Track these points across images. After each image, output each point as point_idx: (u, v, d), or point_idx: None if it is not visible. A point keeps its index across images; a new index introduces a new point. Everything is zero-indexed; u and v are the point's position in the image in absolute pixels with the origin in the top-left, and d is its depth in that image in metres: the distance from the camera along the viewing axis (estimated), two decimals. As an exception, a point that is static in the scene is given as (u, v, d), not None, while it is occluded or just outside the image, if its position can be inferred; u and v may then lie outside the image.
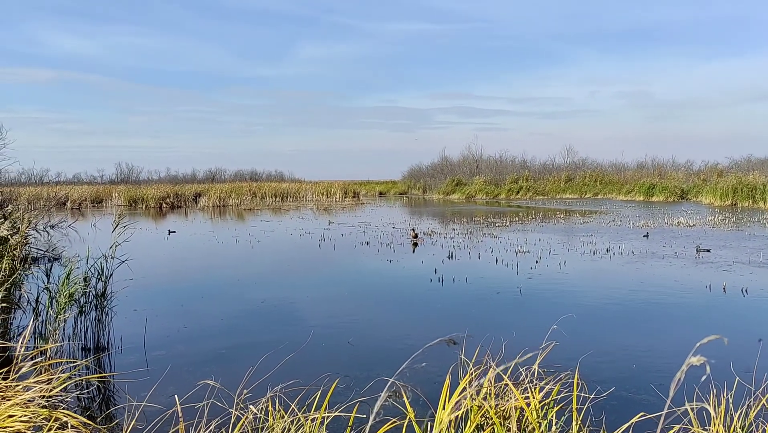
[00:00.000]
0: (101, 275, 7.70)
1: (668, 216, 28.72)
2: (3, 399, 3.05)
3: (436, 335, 8.14)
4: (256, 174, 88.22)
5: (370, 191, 76.25)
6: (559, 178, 59.63)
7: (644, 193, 48.33)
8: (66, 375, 3.75)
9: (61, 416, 2.97)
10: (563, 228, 23.84)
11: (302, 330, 8.36)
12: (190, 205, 48.88)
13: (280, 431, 3.08)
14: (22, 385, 3.30)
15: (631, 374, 6.16)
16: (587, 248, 16.99)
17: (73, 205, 46.88)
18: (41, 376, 3.48)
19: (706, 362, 1.96)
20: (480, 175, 61.53)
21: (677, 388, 1.93)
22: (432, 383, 5.57)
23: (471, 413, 3.19)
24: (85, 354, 7.26)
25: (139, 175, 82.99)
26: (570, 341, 6.93)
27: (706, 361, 1.96)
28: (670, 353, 7.06)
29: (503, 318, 8.98)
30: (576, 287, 11.40)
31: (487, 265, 13.96)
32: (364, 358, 7.03)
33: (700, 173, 52.89)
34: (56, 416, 2.94)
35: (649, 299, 10.17)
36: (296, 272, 13.97)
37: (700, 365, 1.97)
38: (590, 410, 3.45)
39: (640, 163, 60.99)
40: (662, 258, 14.75)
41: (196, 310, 9.79)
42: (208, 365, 6.76)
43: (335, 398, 4.17)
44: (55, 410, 3.02)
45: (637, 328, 8.35)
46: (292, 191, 58.67)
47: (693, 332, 8.08)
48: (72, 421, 2.97)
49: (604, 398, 3.45)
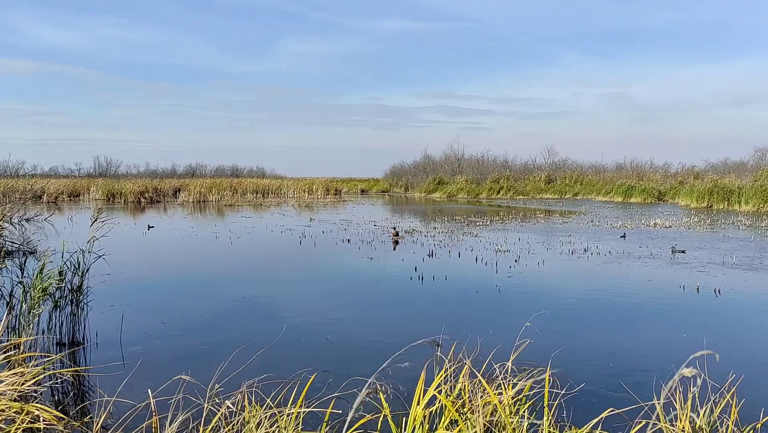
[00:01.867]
0: (77, 270, 7.61)
1: (645, 217, 29.10)
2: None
3: (415, 332, 8.19)
4: (237, 170, 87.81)
5: (352, 189, 76.22)
6: (539, 178, 60.14)
7: (623, 194, 48.92)
8: (38, 369, 3.71)
9: (33, 409, 2.95)
10: (543, 228, 24.05)
11: (281, 326, 8.35)
12: (169, 200, 48.45)
13: (255, 426, 3.09)
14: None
15: (603, 371, 6.25)
16: (566, 247, 17.17)
17: (49, 199, 46.23)
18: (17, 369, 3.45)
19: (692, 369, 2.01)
20: (462, 175, 61.83)
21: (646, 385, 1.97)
22: (409, 380, 5.61)
23: (445, 409, 3.22)
24: (60, 349, 7.19)
25: (118, 170, 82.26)
26: (544, 339, 7.02)
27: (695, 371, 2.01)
28: (642, 351, 7.18)
29: (481, 316, 9.05)
30: (553, 286, 11.52)
31: (467, 264, 14.05)
32: (342, 355, 7.04)
33: (677, 175, 53.72)
34: (28, 409, 2.92)
35: (624, 298, 10.31)
36: (276, 269, 13.93)
37: (691, 376, 2.02)
38: (562, 405, 3.50)
39: (619, 164, 61.86)
40: (638, 258, 14.95)
41: (175, 306, 9.73)
42: (186, 361, 6.73)
43: (312, 393, 4.18)
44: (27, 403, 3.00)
45: (611, 326, 8.47)
46: (274, 188, 58.39)
47: (666, 330, 8.21)
48: (44, 414, 2.94)
49: (575, 393, 3.51)
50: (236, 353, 7.07)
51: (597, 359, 6.76)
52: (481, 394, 3.31)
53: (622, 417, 3.19)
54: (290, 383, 3.84)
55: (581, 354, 6.92)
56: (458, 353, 3.63)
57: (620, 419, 3.21)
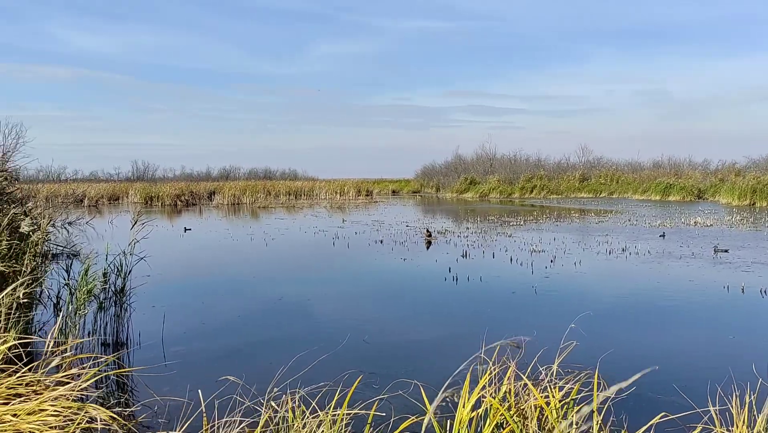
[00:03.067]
0: (120, 272, 7.78)
1: (685, 216, 28.47)
2: (34, 393, 3.11)
3: (453, 334, 8.16)
4: (269, 172, 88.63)
5: (383, 189, 76.25)
6: (573, 177, 59.29)
7: (660, 192, 47.92)
8: (95, 370, 3.80)
9: (90, 410, 3.02)
10: (578, 227, 23.72)
11: (318, 327, 8.41)
12: (204, 202, 49.20)
13: (301, 428, 3.11)
14: (51, 379, 3.36)
15: (651, 374, 6.12)
16: (603, 247, 16.90)
17: (90, 203, 47.38)
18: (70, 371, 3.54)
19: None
20: (494, 174, 61.32)
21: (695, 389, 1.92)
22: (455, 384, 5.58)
23: (491, 412, 3.20)
24: (104, 349, 7.35)
25: (155, 173, 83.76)
26: (588, 340, 6.91)
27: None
28: (690, 354, 7.03)
29: (520, 317, 8.96)
30: (592, 286, 11.35)
31: (502, 264, 13.93)
32: (380, 356, 7.05)
33: (718, 173, 52.32)
34: (86, 409, 2.99)
35: (666, 299, 10.10)
36: (311, 270, 14.03)
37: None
38: (611, 409, 3.45)
39: (656, 162, 60.54)
40: (679, 258, 14.63)
41: (214, 306, 9.87)
42: (226, 361, 6.82)
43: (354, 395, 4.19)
44: (84, 404, 3.07)
45: (655, 328, 8.30)
46: (306, 189, 58.80)
47: (711, 332, 8.02)
48: (101, 415, 3.01)
49: (624, 397, 3.45)
50: (276, 353, 7.15)
51: (643, 361, 6.63)
52: (527, 397, 3.27)
53: (676, 422, 3.12)
54: (333, 385, 3.85)
55: (626, 356, 6.80)
56: (502, 355, 3.59)
57: (672, 423, 3.14)
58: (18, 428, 2.75)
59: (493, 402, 3.18)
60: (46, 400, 2.95)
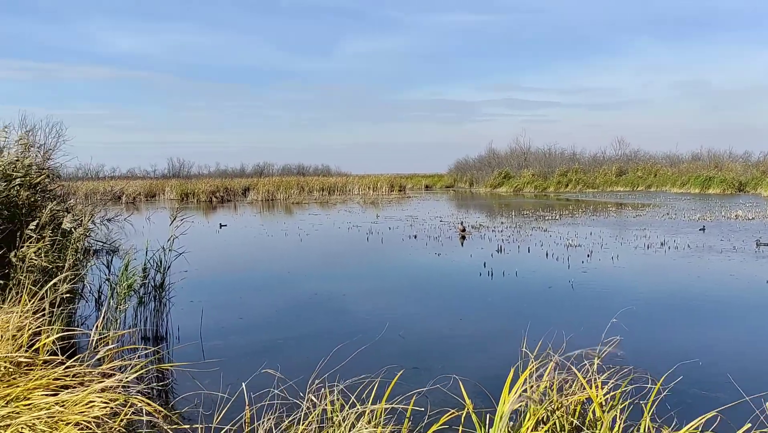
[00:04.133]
0: (159, 267, 7.92)
1: (725, 209, 27.74)
2: (80, 385, 3.19)
3: (489, 329, 8.10)
4: (303, 168, 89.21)
5: (416, 185, 76.10)
6: (609, 170, 58.29)
7: (700, 185, 46.80)
8: (142, 363, 3.87)
9: (136, 402, 3.08)
10: (615, 221, 23.31)
11: (353, 322, 8.43)
12: (239, 198, 49.80)
13: (342, 421, 3.12)
14: (97, 372, 3.44)
15: (695, 370, 5.98)
16: (641, 241, 16.57)
17: (128, 200, 48.36)
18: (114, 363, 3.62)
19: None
20: (528, 168, 60.67)
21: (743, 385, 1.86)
22: (492, 377, 5.54)
23: (531, 406, 3.16)
24: (144, 343, 7.49)
25: (190, 170, 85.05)
26: (628, 336, 6.78)
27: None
28: (734, 349, 6.84)
29: (558, 313, 8.84)
30: (630, 281, 11.14)
31: (537, 259, 13.77)
32: (416, 351, 7.03)
33: (759, 165, 50.80)
34: (132, 402, 3.05)
35: (707, 293, 9.86)
36: (345, 265, 14.07)
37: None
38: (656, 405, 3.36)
39: (695, 154, 59.03)
40: (720, 252, 14.26)
41: (250, 301, 9.98)
42: (264, 355, 6.88)
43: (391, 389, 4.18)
44: (130, 396, 3.13)
45: (697, 323, 8.11)
46: (339, 185, 59.04)
47: (755, 328, 7.80)
48: (147, 408, 3.06)
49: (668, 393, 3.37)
50: (312, 347, 7.20)
51: (689, 356, 6.48)
52: (569, 392, 3.22)
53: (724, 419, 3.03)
54: (370, 378, 3.84)
55: (671, 351, 6.64)
56: (543, 351, 3.54)
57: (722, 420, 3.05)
58: (66, 419, 2.82)
59: (534, 396, 3.14)
60: (92, 391, 3.01)
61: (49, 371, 3.34)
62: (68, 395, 2.98)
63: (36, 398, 2.97)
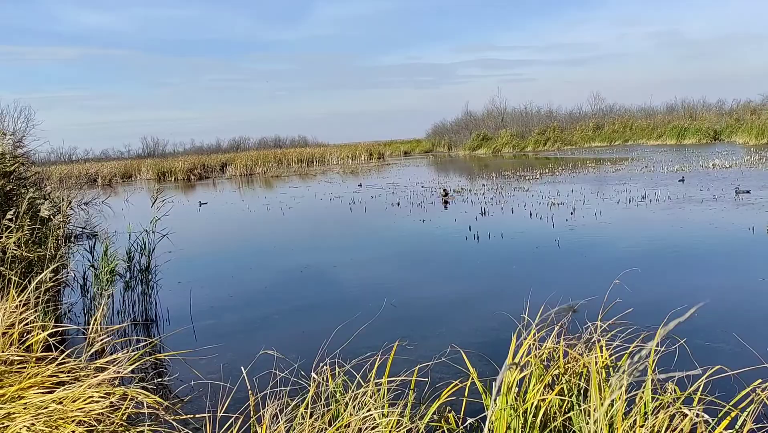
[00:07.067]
0: (144, 250, 7.79)
1: (703, 159, 28.04)
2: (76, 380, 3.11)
3: (478, 292, 8.11)
4: (279, 140, 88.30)
5: (395, 151, 75.70)
6: (587, 126, 58.45)
7: (676, 136, 47.21)
8: (137, 353, 3.79)
9: (135, 394, 3.01)
10: (595, 177, 23.45)
11: (343, 294, 8.40)
12: (217, 175, 49.22)
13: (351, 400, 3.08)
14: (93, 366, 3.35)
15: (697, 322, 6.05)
16: (622, 196, 16.70)
17: (104, 182, 47.56)
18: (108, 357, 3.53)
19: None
20: (506, 129, 60.59)
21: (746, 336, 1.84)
22: (493, 344, 5.55)
23: (536, 371, 3.15)
24: (135, 328, 7.40)
25: (165, 148, 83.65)
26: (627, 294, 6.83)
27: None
28: (730, 298, 6.92)
29: (546, 273, 8.88)
30: (616, 236, 11.23)
31: (521, 219, 13.82)
32: (410, 319, 7.03)
33: (733, 112, 51.23)
34: (131, 394, 2.98)
35: (694, 244, 9.98)
36: (331, 237, 14.01)
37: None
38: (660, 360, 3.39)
39: (670, 106, 59.32)
40: (701, 202, 14.43)
41: (239, 279, 9.89)
42: (258, 334, 6.84)
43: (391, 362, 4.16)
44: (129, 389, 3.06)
45: (687, 274, 8.20)
46: (317, 156, 58.60)
47: (741, 275, 7.91)
48: (147, 399, 2.99)
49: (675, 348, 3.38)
50: (306, 322, 7.17)
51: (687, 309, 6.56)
52: (574, 356, 3.22)
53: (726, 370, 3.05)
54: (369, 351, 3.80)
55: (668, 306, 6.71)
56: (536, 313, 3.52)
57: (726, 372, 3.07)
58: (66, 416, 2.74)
59: (537, 362, 3.13)
60: (89, 387, 2.93)
61: (43, 368, 3.25)
62: (65, 392, 2.91)
63: (32, 397, 2.89)
